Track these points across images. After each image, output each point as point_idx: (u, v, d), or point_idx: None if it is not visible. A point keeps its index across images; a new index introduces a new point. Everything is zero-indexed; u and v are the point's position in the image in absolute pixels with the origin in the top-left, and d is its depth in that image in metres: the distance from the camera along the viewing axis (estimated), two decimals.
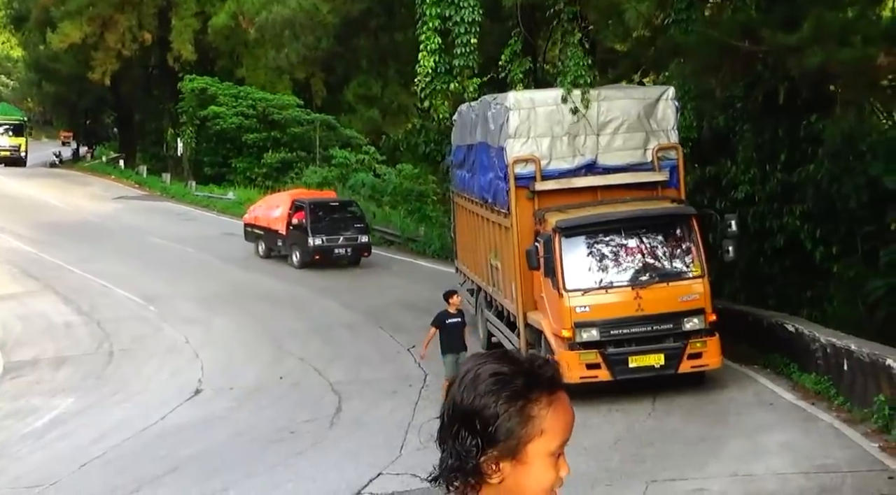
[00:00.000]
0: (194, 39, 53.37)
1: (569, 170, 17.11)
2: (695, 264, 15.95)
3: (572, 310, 15.55)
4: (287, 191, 36.42)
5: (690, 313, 15.61)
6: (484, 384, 2.19)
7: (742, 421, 14.59)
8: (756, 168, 21.01)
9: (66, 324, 24.61)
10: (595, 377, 15.51)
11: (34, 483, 14.45)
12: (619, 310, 15.69)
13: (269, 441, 15.73)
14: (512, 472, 2.18)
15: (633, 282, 15.84)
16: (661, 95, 17.59)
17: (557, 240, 15.84)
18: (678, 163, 17.26)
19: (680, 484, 11.77)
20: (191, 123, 52.81)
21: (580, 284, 15.72)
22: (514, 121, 17.15)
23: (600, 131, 17.20)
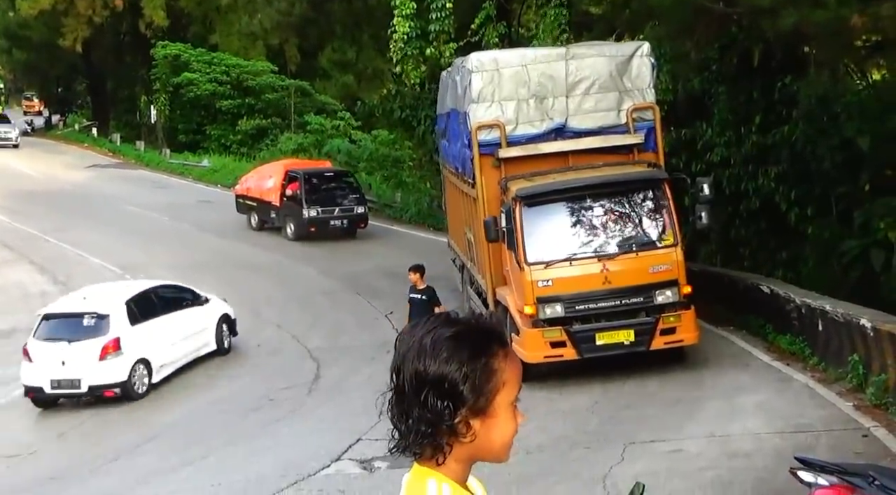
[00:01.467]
0: (166, 5, 52.84)
1: (537, 135, 15.90)
2: (667, 233, 14.83)
3: (534, 285, 14.48)
4: (280, 161, 35.08)
5: (662, 285, 14.55)
6: (444, 348, 2.27)
7: (718, 382, 14.68)
8: (731, 130, 21.05)
9: (41, 294, 24.46)
10: (560, 356, 14.60)
11: (12, 452, 14.45)
12: (585, 283, 14.55)
13: (248, 409, 15.74)
14: (482, 428, 2.30)
15: (599, 253, 14.71)
16: (634, 52, 16.26)
17: (518, 209, 14.75)
18: (655, 124, 15.98)
19: (658, 445, 11.86)
20: (164, 90, 52.37)
21: (542, 257, 14.64)
22: (477, 83, 15.95)
23: (570, 92, 15.91)
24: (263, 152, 45.46)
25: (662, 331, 14.53)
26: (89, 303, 17.56)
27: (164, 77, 51.92)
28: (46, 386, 16.71)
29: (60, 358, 16.69)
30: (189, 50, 51.95)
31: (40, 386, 16.76)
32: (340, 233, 29.62)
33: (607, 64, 16.01)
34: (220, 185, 42.91)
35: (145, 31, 54.20)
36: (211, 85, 50.30)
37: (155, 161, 49.19)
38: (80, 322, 17.20)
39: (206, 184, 43.38)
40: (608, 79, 15.92)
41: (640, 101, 15.98)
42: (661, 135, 16.18)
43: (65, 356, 16.70)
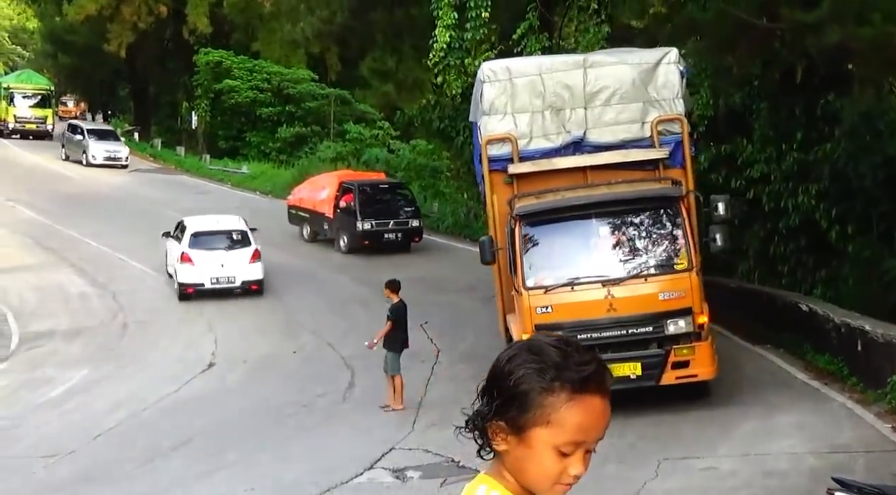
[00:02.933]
0: (210, 12, 53.22)
1: (553, 150, 14.71)
2: (681, 256, 13.56)
3: (532, 311, 13.35)
4: (334, 172, 34.20)
5: (674, 314, 13.26)
6: (523, 358, 2.25)
7: (754, 400, 14.54)
8: (772, 147, 20.89)
9: (81, 296, 24.70)
10: None
11: (49, 452, 14.56)
12: (587, 310, 13.38)
13: (281, 414, 15.79)
14: (515, 448, 2.25)
15: (604, 277, 13.51)
16: (661, 59, 14.90)
17: (518, 229, 13.70)
18: (683, 137, 14.60)
19: (692, 462, 11.77)
20: (205, 97, 52.75)
21: (542, 281, 13.58)
22: (489, 94, 14.89)
23: (588, 103, 14.68)
24: (302, 160, 45.66)
25: (674, 365, 13.34)
26: (227, 224, 25.83)
27: (205, 83, 52.31)
28: (207, 282, 23.76)
29: (221, 261, 23.97)
30: (231, 57, 52.33)
31: (202, 282, 23.75)
32: (395, 246, 28.76)
33: (630, 72, 14.84)
34: (258, 192, 43.14)
35: (188, 38, 54.64)
36: (252, 92, 50.62)
37: (195, 166, 49.53)
38: (231, 236, 25.04)
39: (245, 190, 43.60)
40: (631, 88, 14.74)
41: (667, 112, 14.72)
42: (688, 149, 14.77)
43: (223, 260, 24.00)
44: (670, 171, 14.58)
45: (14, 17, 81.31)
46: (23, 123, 56.99)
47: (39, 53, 72.81)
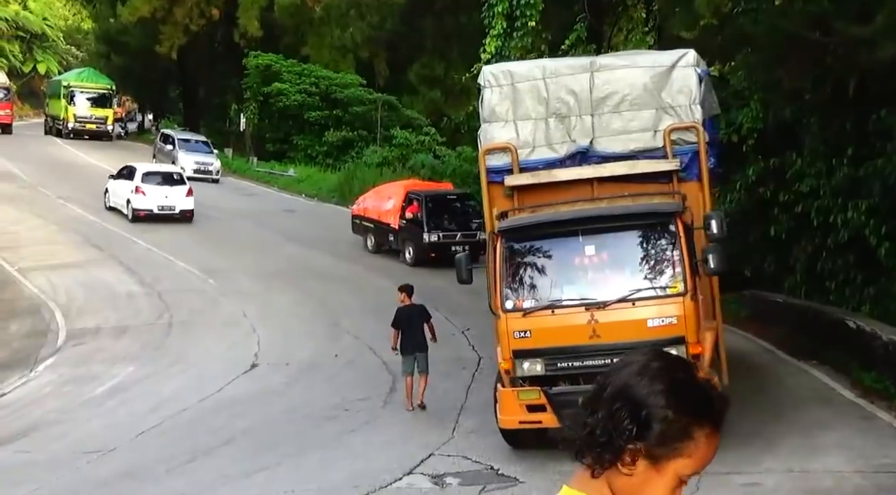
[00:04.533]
0: (260, 16, 53.66)
1: (557, 160, 13.59)
2: (674, 278, 12.29)
3: (510, 336, 12.38)
4: (400, 182, 33.39)
5: (664, 343, 11.73)
6: (665, 383, 2.19)
7: (798, 416, 14.39)
8: (822, 161, 20.69)
9: (127, 294, 24.96)
10: (539, 422, 12.37)
11: (93, 448, 14.71)
12: (568, 336, 12.27)
13: (322, 417, 15.85)
14: (643, 473, 2.20)
15: (587, 301, 12.36)
16: (676, 61, 13.53)
17: (499, 246, 12.77)
18: (699, 147, 13.22)
19: (734, 477, 11.65)
20: (254, 99, 53.13)
21: (521, 303, 12.58)
22: (490, 100, 13.89)
23: (595, 110, 13.49)
24: (348, 164, 45.88)
25: None
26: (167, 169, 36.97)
27: (254, 86, 52.70)
28: (155, 209, 33.14)
29: (164, 193, 33.41)
30: (280, 60, 52.69)
31: (151, 208, 33.13)
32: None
33: (642, 76, 13.53)
34: (304, 195, 43.39)
35: (239, 41, 55.09)
36: (300, 96, 50.91)
37: (242, 168, 49.93)
38: (173, 176, 34.99)
39: (291, 193, 43.88)
40: (642, 93, 13.45)
41: (682, 120, 13.35)
42: (705, 160, 13.33)
43: (167, 192, 33.49)
44: (686, 185, 13.28)
45: (69, 17, 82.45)
46: (83, 123, 56.19)
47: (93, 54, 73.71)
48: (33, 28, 77.99)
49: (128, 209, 33.61)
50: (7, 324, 23.18)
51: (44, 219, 33.75)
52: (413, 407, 15.76)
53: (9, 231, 31.73)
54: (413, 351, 15.84)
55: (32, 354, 20.76)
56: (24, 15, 76.66)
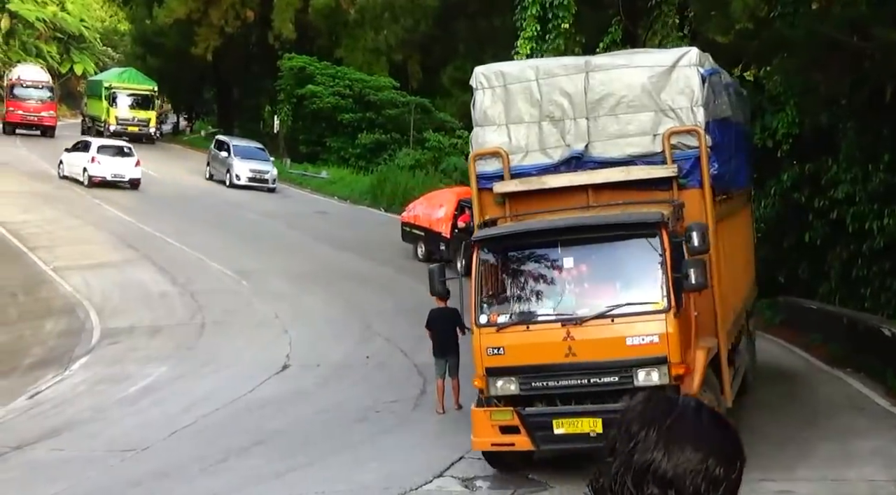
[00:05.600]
0: (295, 18, 53.87)
1: (550, 166, 12.82)
2: (656, 294, 11.46)
3: (483, 352, 11.75)
4: (453, 189, 32.33)
5: (645, 363, 11.24)
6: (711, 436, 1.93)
7: (832, 424, 14.29)
8: (858, 167, 20.53)
9: (161, 294, 25.13)
10: (512, 444, 11.80)
11: (127, 447, 14.82)
12: (543, 354, 11.54)
13: (353, 419, 15.89)
14: None
15: (563, 316, 11.61)
16: (677, 61, 12.63)
17: (475, 257, 12.09)
18: (700, 152, 12.33)
19: (767, 484, 11.58)
20: (288, 101, 53.36)
21: (495, 318, 11.90)
22: (481, 102, 13.22)
23: (591, 112, 12.69)
24: (381, 167, 45.99)
25: None
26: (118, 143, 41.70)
27: (288, 88, 52.92)
28: (108, 176, 38.87)
29: (116, 163, 39.16)
30: (314, 63, 52.87)
31: (104, 176, 38.87)
32: None
33: (640, 76, 12.66)
34: (336, 197, 43.53)
35: (273, 43, 55.35)
36: (333, 98, 51.08)
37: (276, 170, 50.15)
38: (123, 149, 40.19)
39: (324, 195, 44.05)
40: (641, 94, 12.60)
41: (683, 123, 12.49)
42: (706, 166, 12.39)
43: (118, 162, 39.30)
44: (687, 192, 12.44)
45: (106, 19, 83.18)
46: (124, 126, 54.18)
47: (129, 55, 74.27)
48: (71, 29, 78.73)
49: (84, 176, 39.57)
50: (43, 322, 23.40)
51: (80, 219, 34.07)
52: (444, 410, 15.78)
53: (45, 230, 32.05)
54: (444, 354, 15.88)
55: (67, 353, 20.94)
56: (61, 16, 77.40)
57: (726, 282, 13.58)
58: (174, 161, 51.58)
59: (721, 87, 13.72)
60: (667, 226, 11.45)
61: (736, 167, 14.76)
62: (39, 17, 74.25)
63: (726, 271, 13.75)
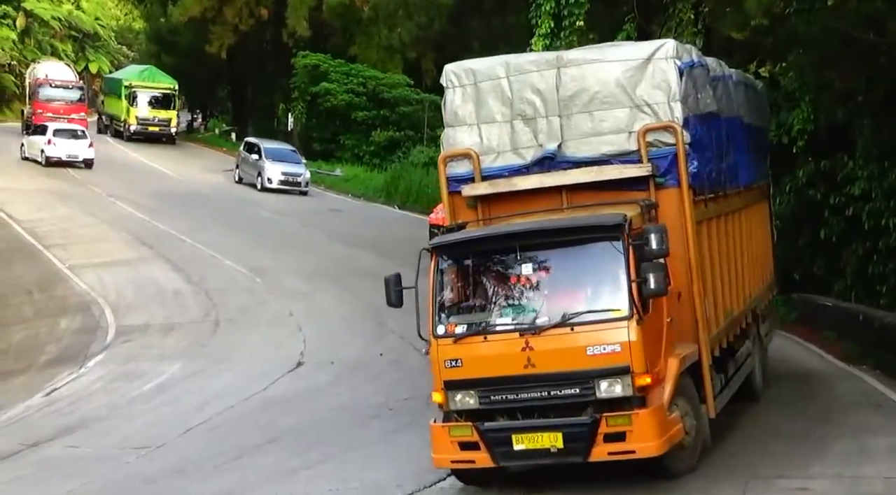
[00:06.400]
0: (309, 16, 53.93)
1: (523, 167, 12.21)
2: (617, 300, 10.76)
3: (441, 365, 11.16)
4: None
5: (607, 373, 10.58)
6: None
7: (848, 421, 14.22)
8: (874, 164, 20.44)
9: (175, 292, 25.21)
10: (472, 461, 11.14)
11: (142, 444, 14.87)
12: (502, 366, 10.89)
13: (367, 416, 15.89)
14: None
15: (522, 326, 10.94)
16: (652, 54, 11.93)
17: (433, 264, 11.61)
18: (678, 150, 11.68)
19: (782, 481, 11.54)
20: (302, 99, 53.45)
21: (453, 328, 11.29)
22: (452, 101, 12.71)
23: (563, 110, 12.06)
24: (395, 164, 46.02)
25: (606, 437, 10.57)
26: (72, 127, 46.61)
27: (302, 86, 53.01)
28: (63, 156, 43.33)
29: (71, 145, 43.89)
30: (328, 60, 52.93)
31: (60, 156, 43.26)
32: None
33: (613, 71, 12.00)
34: (350, 195, 43.57)
35: (287, 41, 55.42)
36: (347, 95, 51.14)
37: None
38: (77, 132, 45.43)
39: (338, 192, 44.10)
40: (615, 90, 11.94)
41: (659, 119, 11.80)
42: (684, 164, 11.74)
43: (73, 144, 44.09)
44: (664, 192, 11.81)
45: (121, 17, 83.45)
46: (145, 126, 53.68)
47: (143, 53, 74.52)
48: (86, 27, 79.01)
49: (42, 157, 43.84)
50: (58, 320, 23.51)
51: (94, 217, 34.21)
52: None
53: (60, 228, 32.21)
54: None
55: (82, 350, 21.04)
56: (76, 14, 77.69)
57: (720, 284, 13.09)
58: (189, 159, 51.72)
59: (707, 80, 12.96)
60: (630, 229, 10.83)
61: (733, 164, 14.11)
62: (55, 15, 74.50)
63: (722, 273, 13.26)
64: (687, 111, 11.87)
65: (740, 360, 14.28)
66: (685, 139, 11.70)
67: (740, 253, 14.63)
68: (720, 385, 12.85)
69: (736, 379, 13.88)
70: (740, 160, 14.66)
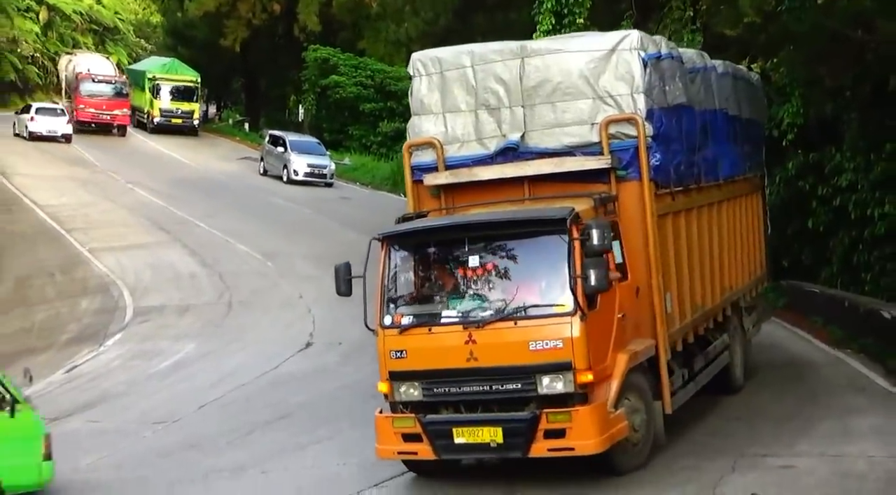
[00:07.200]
0: (319, 11, 53.80)
1: (486, 157, 11.67)
2: (562, 295, 10.23)
3: (387, 356, 10.81)
4: None
5: (548, 369, 10.09)
6: None
7: (832, 402, 14.24)
8: (861, 156, 20.42)
9: (190, 275, 25.26)
10: (415, 453, 10.76)
11: (158, 419, 14.95)
12: (445, 358, 10.45)
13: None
14: None
15: (466, 319, 10.45)
16: (616, 45, 11.32)
17: (383, 254, 11.15)
18: (639, 142, 11.13)
19: (769, 459, 11.56)
20: (312, 91, 53.39)
21: (399, 319, 10.85)
22: (418, 90, 12.20)
23: (527, 101, 11.52)
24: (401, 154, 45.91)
25: (547, 433, 10.09)
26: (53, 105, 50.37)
27: (313, 78, 52.94)
28: (44, 131, 46.24)
29: (52, 122, 46.87)
30: (338, 54, 52.87)
31: (41, 132, 46.34)
32: None
33: (577, 61, 11.38)
34: (358, 183, 43.55)
35: (299, 35, 55.32)
36: (356, 88, 51.10)
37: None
38: (57, 110, 48.41)
39: (346, 181, 44.08)
40: (577, 81, 11.34)
41: (622, 111, 11.22)
42: (645, 157, 11.18)
43: (53, 120, 47.03)
44: (626, 184, 11.28)
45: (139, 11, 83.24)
46: (168, 118, 52.61)
47: (161, 46, 74.38)
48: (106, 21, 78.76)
49: (25, 132, 46.73)
50: (78, 300, 23.58)
51: (114, 203, 34.26)
52: None
53: (81, 213, 32.25)
54: None
55: (102, 330, 21.12)
56: (97, 9, 77.48)
57: (690, 277, 12.58)
58: (205, 148, 51.69)
59: (679, 72, 12.34)
60: (577, 223, 10.25)
61: (712, 156, 13.51)
62: (76, 9, 74.34)
63: (692, 266, 12.73)
64: (651, 103, 11.34)
65: (712, 354, 13.64)
66: (647, 131, 11.19)
67: (718, 246, 13.94)
68: (682, 380, 12.33)
69: (706, 373, 13.26)
70: (721, 152, 14.08)
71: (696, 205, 13.08)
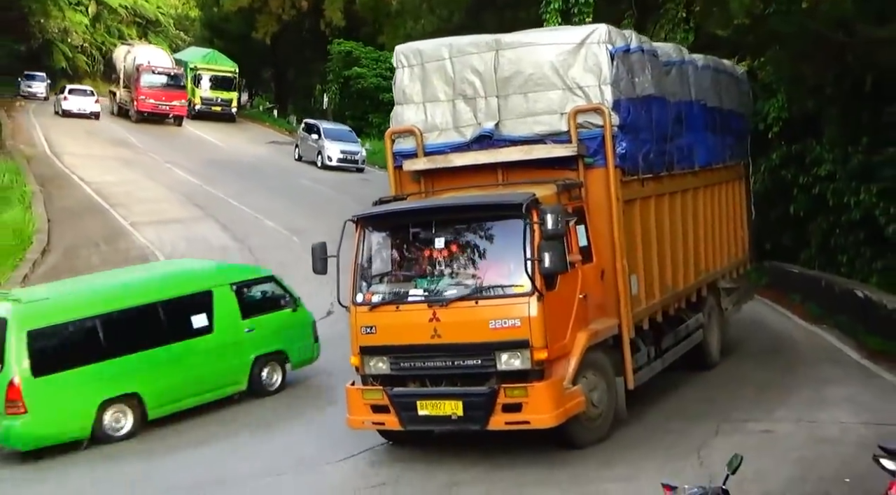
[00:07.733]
0: (344, 8, 53.67)
1: (462, 144, 11.56)
2: (520, 276, 10.06)
3: (358, 331, 10.75)
4: None
5: (506, 346, 10.02)
6: None
7: (809, 372, 14.23)
8: (839, 148, 20.31)
9: (222, 248, 25.27)
10: (383, 423, 10.75)
11: None
12: (411, 334, 10.40)
13: None
14: None
15: (431, 297, 10.38)
16: (585, 38, 11.16)
17: (356, 236, 11.13)
18: (605, 132, 10.95)
19: (750, 424, 11.57)
20: (336, 81, 53.24)
21: (370, 297, 10.75)
22: (401, 81, 12.04)
23: (501, 91, 11.38)
24: None
25: (504, 407, 10.00)
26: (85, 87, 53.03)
27: (337, 70, 52.80)
28: (74, 109, 48.59)
29: (82, 101, 49.25)
30: (360, 47, 52.70)
31: (72, 109, 48.53)
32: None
33: (547, 54, 11.21)
34: (377, 166, 43.46)
35: (324, 30, 55.17)
36: (376, 79, 50.94)
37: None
38: (86, 91, 51.16)
39: (367, 164, 43.97)
40: (548, 72, 11.16)
41: (590, 102, 11.03)
42: (610, 146, 11.00)
43: (83, 99, 49.42)
44: (593, 172, 11.09)
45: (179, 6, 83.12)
46: (208, 106, 52.12)
47: (198, 38, 74.24)
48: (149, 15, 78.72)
49: (61, 110, 48.94)
50: None
51: (154, 181, 34.26)
52: None
53: (124, 190, 32.27)
54: None
55: None
56: (141, 3, 77.49)
57: (659, 259, 12.33)
58: (238, 133, 51.63)
59: (650, 65, 12.06)
60: (536, 208, 10.05)
61: (686, 145, 13.18)
62: (122, 3, 74.37)
63: (662, 249, 12.46)
64: (618, 94, 11.11)
65: (684, 332, 13.34)
66: (614, 121, 10.99)
67: (692, 229, 13.59)
68: (648, 357, 12.09)
69: (674, 351, 12.97)
70: (697, 141, 13.68)
71: (666, 192, 12.75)
